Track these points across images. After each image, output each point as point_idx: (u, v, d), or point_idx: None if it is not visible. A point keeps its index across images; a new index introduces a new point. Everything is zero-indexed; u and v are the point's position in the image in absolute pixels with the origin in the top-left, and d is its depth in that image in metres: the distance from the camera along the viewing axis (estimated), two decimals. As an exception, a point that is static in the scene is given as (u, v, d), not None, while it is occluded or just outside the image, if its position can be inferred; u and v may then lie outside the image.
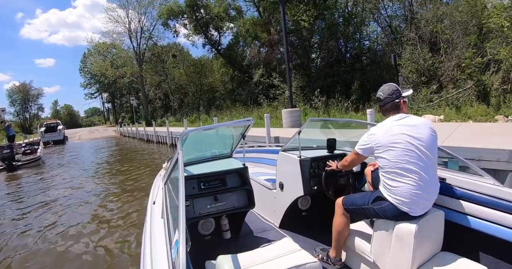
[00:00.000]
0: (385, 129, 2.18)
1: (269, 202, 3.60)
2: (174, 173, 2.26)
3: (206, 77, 35.63)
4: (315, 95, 17.14)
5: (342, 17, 23.49)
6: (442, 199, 2.28)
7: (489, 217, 2.06)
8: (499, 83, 13.62)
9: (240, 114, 22.30)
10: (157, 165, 12.74)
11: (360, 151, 2.29)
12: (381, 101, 2.31)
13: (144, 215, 2.42)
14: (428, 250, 2.07)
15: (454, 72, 15.65)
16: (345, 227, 2.44)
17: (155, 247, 1.65)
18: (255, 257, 1.91)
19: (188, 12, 30.64)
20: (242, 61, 29.54)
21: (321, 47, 23.02)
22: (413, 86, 16.07)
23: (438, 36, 17.38)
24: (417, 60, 16.43)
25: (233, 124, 3.39)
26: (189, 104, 38.65)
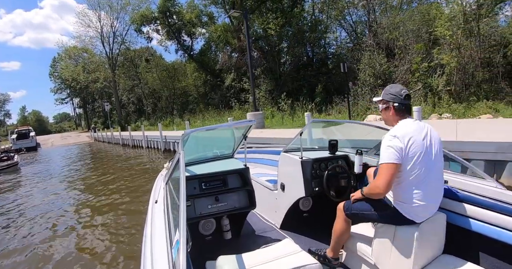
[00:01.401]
0: (407, 133, 2.01)
1: (270, 202, 3.61)
2: (175, 173, 2.29)
3: (179, 81, 36.16)
4: (282, 98, 18.35)
5: (308, 24, 24.95)
6: (443, 201, 2.25)
7: (491, 220, 2.05)
8: (443, 85, 15.30)
9: (212, 117, 23.17)
10: (136, 170, 13.40)
11: (396, 160, 1.97)
12: (397, 102, 2.13)
13: (145, 214, 2.45)
14: (430, 253, 2.07)
15: (406, 76, 17.23)
16: (345, 232, 2.42)
17: (156, 247, 1.66)
18: (256, 258, 1.92)
19: (160, 18, 31.35)
20: (214, 66, 30.31)
21: (289, 53, 24.34)
22: (370, 88, 17.59)
23: (393, 43, 19.06)
24: (374, 65, 17.95)
25: (234, 124, 3.36)
26: (162, 108, 38.99)
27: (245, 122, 2.87)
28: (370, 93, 17.41)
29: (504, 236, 1.96)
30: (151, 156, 17.19)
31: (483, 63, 17.19)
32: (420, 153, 1.97)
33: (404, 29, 18.81)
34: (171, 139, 17.64)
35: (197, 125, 22.37)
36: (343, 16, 26.79)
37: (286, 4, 23.58)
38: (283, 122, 16.52)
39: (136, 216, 6.59)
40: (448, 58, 15.28)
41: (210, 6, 29.91)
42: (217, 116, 23.05)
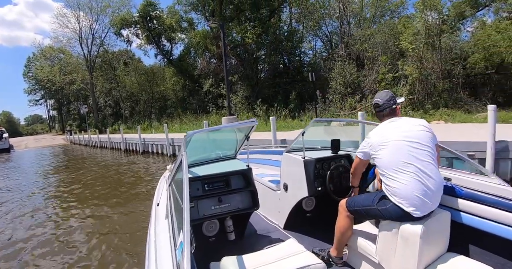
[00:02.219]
0: (377, 131, 2.28)
1: (274, 203, 3.63)
2: (178, 175, 2.30)
3: (158, 85, 36.35)
4: (257, 104, 19.20)
5: (285, 33, 26.04)
6: (447, 199, 2.30)
7: (495, 217, 2.06)
8: (406, 94, 16.55)
9: (190, 122, 23.67)
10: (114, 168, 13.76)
11: (360, 155, 2.38)
12: (380, 106, 2.40)
13: (149, 216, 2.46)
14: (434, 251, 2.07)
15: (374, 85, 18.46)
16: (348, 229, 2.45)
17: (160, 248, 1.67)
18: (260, 259, 1.93)
19: (141, 23, 31.74)
20: (193, 71, 30.78)
21: (266, 60, 25.32)
22: (340, 96, 18.73)
23: (363, 54, 20.34)
24: (344, 74, 19.13)
25: (237, 125, 3.34)
26: (140, 112, 38.92)
27: (247, 123, 2.84)
28: (341, 101, 18.56)
29: (508, 233, 1.96)
30: (147, 160, 17.59)
31: (444, 74, 18.66)
32: (394, 147, 2.13)
33: (373, 41, 20.15)
34: (149, 141, 18.10)
35: (174, 129, 22.83)
36: (319, 26, 28.14)
37: (264, 13, 24.53)
38: (258, 126, 17.34)
39: (130, 214, 6.65)
40: (411, 70, 16.59)
41: (190, 12, 30.58)
42: (195, 120, 23.58)
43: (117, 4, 37.72)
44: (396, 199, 2.08)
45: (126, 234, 5.55)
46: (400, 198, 2.06)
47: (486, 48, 18.25)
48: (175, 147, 15.46)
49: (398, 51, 19.01)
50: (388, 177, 2.14)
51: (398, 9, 27.85)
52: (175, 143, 15.42)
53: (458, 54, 19.72)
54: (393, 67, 18.08)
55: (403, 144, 2.11)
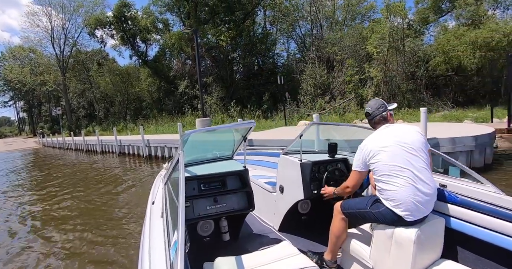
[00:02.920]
0: (372, 138, 2.29)
1: (269, 205, 3.64)
2: (174, 174, 2.29)
3: (133, 86, 36.16)
4: (231, 105, 19.92)
5: (259, 36, 26.89)
6: (442, 206, 2.33)
7: (489, 225, 2.08)
8: (372, 95, 17.70)
9: (166, 123, 24.05)
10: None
11: (359, 169, 2.34)
12: (370, 115, 2.44)
13: (144, 215, 2.45)
14: (428, 257, 2.09)
15: (343, 86, 19.56)
16: (343, 232, 2.47)
17: (154, 247, 1.68)
18: (254, 260, 1.95)
19: (115, 23, 31.40)
20: (168, 72, 30.97)
21: (241, 62, 26.09)
22: (311, 97, 19.71)
23: (333, 56, 21.45)
24: (315, 76, 20.15)
25: (234, 126, 3.35)
26: (115, 113, 38.62)
27: (245, 124, 2.84)
28: (311, 101, 19.55)
29: (502, 242, 1.99)
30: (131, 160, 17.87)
31: (408, 76, 19.99)
32: (390, 153, 2.15)
33: (342, 45, 21.28)
34: (126, 143, 18.40)
35: (150, 131, 23.08)
36: (293, 29, 29.18)
37: (238, 16, 25.22)
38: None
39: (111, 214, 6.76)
40: (376, 72, 17.75)
41: (166, 13, 30.83)
42: (170, 121, 23.97)
43: (91, 3, 37.54)
44: (390, 203, 2.12)
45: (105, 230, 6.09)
46: (394, 202, 2.09)
47: (446, 52, 19.67)
48: (151, 149, 15.92)
49: (365, 54, 20.19)
50: (383, 181, 2.17)
51: (369, 13, 29.34)
52: (151, 145, 15.90)
53: (421, 57, 21.12)
54: (360, 69, 19.22)
55: (399, 149, 2.15)
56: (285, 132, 12.32)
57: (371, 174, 2.68)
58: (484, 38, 17.68)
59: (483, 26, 19.02)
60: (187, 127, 20.05)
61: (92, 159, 18.81)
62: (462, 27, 20.60)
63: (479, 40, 17.78)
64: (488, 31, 17.81)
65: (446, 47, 19.63)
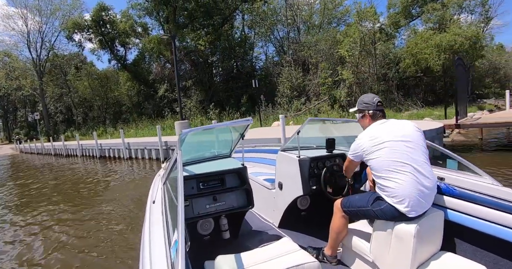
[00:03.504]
0: (369, 133, 2.27)
1: (268, 202, 3.68)
2: (173, 173, 2.31)
3: (112, 90, 36.10)
4: (210, 108, 20.58)
5: (237, 40, 27.66)
6: (441, 199, 2.36)
7: (487, 216, 2.11)
8: (345, 96, 18.69)
9: (145, 126, 24.39)
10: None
11: (352, 157, 2.40)
12: (368, 109, 2.42)
13: (143, 215, 2.51)
14: (428, 250, 2.13)
15: (317, 88, 20.50)
16: (343, 229, 2.49)
17: (154, 247, 1.69)
18: (254, 257, 1.98)
19: (93, 27, 31.38)
20: (148, 76, 31.28)
21: (219, 66, 26.79)
22: (288, 99, 20.59)
23: (308, 59, 22.43)
24: (291, 79, 21.04)
25: (232, 124, 3.37)
26: (94, 118, 38.49)
27: (242, 121, 2.87)
28: (288, 103, 20.42)
29: (501, 233, 2.02)
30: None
31: (380, 77, 21.15)
32: (390, 148, 2.13)
33: (317, 48, 22.29)
34: (106, 146, 18.76)
35: (130, 134, 23.40)
36: (272, 32, 30.10)
37: (217, 21, 25.90)
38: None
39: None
40: (348, 74, 18.76)
41: (145, 17, 30.89)
42: (150, 125, 24.36)
43: (68, 7, 37.47)
44: (392, 200, 2.10)
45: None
46: (396, 198, 2.08)
47: (414, 55, 20.94)
48: (131, 151, 16.40)
49: (338, 57, 21.23)
50: (383, 177, 2.16)
51: (344, 17, 30.53)
52: (131, 147, 16.39)
53: (392, 59, 22.38)
54: (334, 72, 20.23)
55: (399, 144, 2.14)
56: (259, 132, 13.09)
57: (369, 170, 2.80)
58: (448, 41, 18.98)
59: (448, 30, 20.39)
60: (167, 130, 20.55)
61: (74, 163, 19.08)
62: (430, 31, 21.94)
63: (443, 43, 19.08)
64: (452, 35, 19.14)
65: (415, 50, 20.90)
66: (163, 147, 13.58)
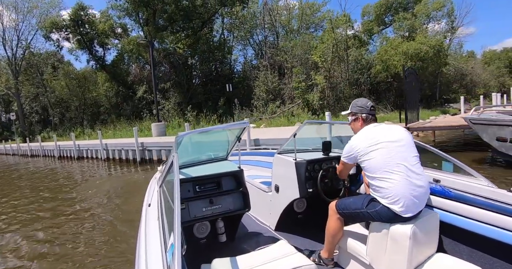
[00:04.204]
0: (363, 136, 2.34)
1: (265, 204, 3.71)
2: (169, 176, 2.31)
3: (90, 91, 36.00)
4: (188, 110, 21.36)
5: (216, 43, 28.47)
6: (436, 200, 2.40)
7: (483, 218, 2.14)
8: (317, 100, 19.81)
9: (123, 128, 24.74)
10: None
11: (346, 160, 2.43)
12: (361, 113, 2.47)
13: (139, 218, 2.53)
14: (424, 251, 2.15)
15: (292, 92, 21.57)
16: (339, 231, 2.51)
17: (150, 250, 1.70)
18: (251, 260, 2.01)
19: (72, 27, 31.23)
20: (127, 77, 31.40)
21: (198, 68, 27.54)
22: (264, 102, 21.58)
23: (284, 64, 23.52)
24: (267, 82, 22.06)
25: (228, 127, 3.37)
26: (71, 119, 38.24)
27: (239, 124, 2.92)
28: (263, 106, 21.43)
29: (496, 234, 2.05)
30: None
31: (352, 82, 22.40)
32: (385, 149, 2.19)
33: (293, 53, 23.41)
34: (84, 147, 19.23)
35: (108, 135, 23.69)
36: (251, 35, 31.10)
37: (196, 24, 26.58)
38: (185, 130, 19.51)
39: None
40: (320, 79, 19.91)
41: (125, 18, 30.93)
42: (128, 126, 24.71)
43: (46, 5, 37.25)
44: (386, 201, 2.14)
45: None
46: (391, 199, 2.12)
47: (384, 61, 22.31)
48: (108, 152, 16.98)
49: (312, 63, 22.40)
50: (377, 179, 2.20)
51: (322, 22, 31.75)
52: (109, 148, 16.97)
53: (364, 65, 23.71)
54: (308, 76, 21.36)
55: (393, 145, 2.20)
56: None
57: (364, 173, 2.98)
58: (414, 49, 20.40)
59: (415, 39, 21.88)
60: (145, 132, 21.11)
61: (52, 163, 19.47)
62: (399, 39, 23.42)
63: (410, 51, 20.49)
64: (418, 44, 20.57)
65: (385, 56, 22.27)
66: (139, 148, 14.23)
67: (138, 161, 14.19)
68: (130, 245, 4.91)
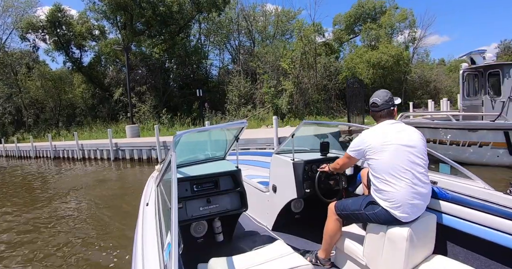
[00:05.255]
0: (378, 132, 2.30)
1: (262, 204, 3.74)
2: (166, 175, 2.35)
3: (66, 92, 36.11)
4: (163, 113, 22.66)
5: (193, 48, 29.79)
6: (433, 202, 2.40)
7: (479, 220, 2.17)
8: (286, 105, 21.48)
9: (99, 129, 25.68)
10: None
11: (353, 154, 2.40)
12: (378, 106, 2.38)
13: (136, 217, 2.51)
14: (420, 253, 2.19)
15: (263, 97, 23.22)
16: (337, 232, 2.55)
17: (147, 249, 1.72)
18: (248, 260, 2.03)
19: (49, 28, 31.54)
20: (103, 79, 31.88)
21: (175, 72, 28.85)
22: (236, 106, 23.13)
23: (256, 70, 25.17)
24: (239, 87, 23.64)
25: (226, 126, 3.43)
26: (46, 120, 38.07)
27: (237, 123, 2.95)
28: (236, 110, 22.97)
29: (492, 236, 2.08)
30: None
31: (320, 87, 24.23)
32: (394, 151, 2.18)
33: (265, 60, 25.08)
34: (60, 147, 20.22)
35: (84, 137, 24.46)
36: (228, 40, 32.58)
37: (173, 29, 27.80)
38: (159, 132, 20.77)
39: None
40: (288, 85, 21.62)
41: (102, 20, 31.65)
42: (104, 128, 25.45)
43: (22, 4, 37.48)
44: (386, 204, 2.17)
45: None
46: (391, 203, 2.14)
47: (350, 68, 24.28)
48: (84, 152, 18.08)
49: (283, 69, 24.10)
50: (381, 180, 2.20)
51: (296, 29, 33.57)
52: (84, 148, 18.09)
53: (333, 72, 25.63)
54: (278, 82, 23.03)
55: (403, 149, 2.18)
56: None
57: (363, 173, 2.96)
58: (376, 58, 22.42)
59: (378, 49, 23.94)
60: (120, 134, 22.22)
61: (27, 163, 20.37)
62: (363, 48, 25.46)
63: (371, 59, 22.50)
64: (379, 53, 22.60)
65: (350, 64, 24.24)
66: (113, 148, 15.52)
67: (112, 159, 15.52)
68: (104, 224, 6.15)
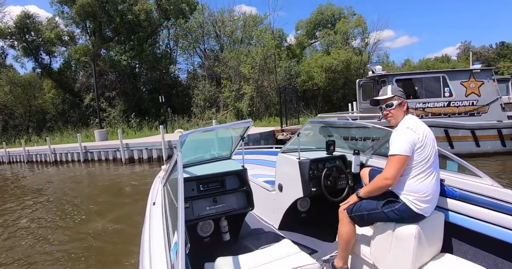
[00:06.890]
0: (418, 125, 2.28)
1: (268, 203, 3.85)
2: (173, 175, 2.42)
3: (36, 98, 36.38)
4: (132, 117, 24.70)
5: (161, 53, 31.95)
6: (441, 200, 2.41)
7: (487, 218, 2.18)
8: (246, 107, 23.99)
9: (70, 134, 27.07)
10: None
11: (407, 153, 2.18)
12: (400, 98, 2.37)
13: (143, 216, 2.55)
14: (428, 251, 2.22)
15: (226, 100, 25.67)
16: (352, 236, 2.49)
17: (154, 249, 1.76)
18: (254, 259, 2.08)
19: (17, 34, 32.26)
20: (73, 85, 33.06)
21: (144, 77, 30.90)
22: (201, 109, 25.50)
23: (220, 74, 27.61)
24: (204, 91, 26.05)
25: (232, 126, 3.43)
26: (16, 126, 38.32)
27: (243, 123, 2.98)
28: (201, 113, 25.36)
29: (501, 234, 2.09)
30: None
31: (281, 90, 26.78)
32: (428, 146, 2.22)
33: (228, 65, 27.53)
34: (34, 152, 21.89)
35: (55, 142, 25.64)
36: (198, 45, 34.74)
37: (142, 36, 29.68)
38: (127, 135, 22.47)
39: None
40: (248, 88, 24.15)
41: (72, 26, 32.93)
42: (75, 133, 26.79)
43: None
44: (414, 196, 2.18)
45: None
46: (421, 194, 2.18)
47: (307, 72, 27.01)
48: (56, 155, 19.89)
49: (244, 74, 26.59)
50: (410, 175, 2.21)
51: (263, 34, 35.89)
52: (56, 152, 19.93)
53: (293, 75, 28.29)
54: (240, 86, 25.51)
55: (430, 145, 2.24)
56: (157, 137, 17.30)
57: (364, 172, 3.00)
58: (328, 63, 25.25)
59: (330, 54, 26.81)
60: (90, 138, 23.89)
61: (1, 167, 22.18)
62: (319, 53, 28.29)
63: (324, 64, 25.32)
64: (331, 59, 25.46)
65: (307, 68, 26.99)
66: (83, 151, 17.79)
67: (82, 161, 17.76)
68: (78, 218, 7.41)
